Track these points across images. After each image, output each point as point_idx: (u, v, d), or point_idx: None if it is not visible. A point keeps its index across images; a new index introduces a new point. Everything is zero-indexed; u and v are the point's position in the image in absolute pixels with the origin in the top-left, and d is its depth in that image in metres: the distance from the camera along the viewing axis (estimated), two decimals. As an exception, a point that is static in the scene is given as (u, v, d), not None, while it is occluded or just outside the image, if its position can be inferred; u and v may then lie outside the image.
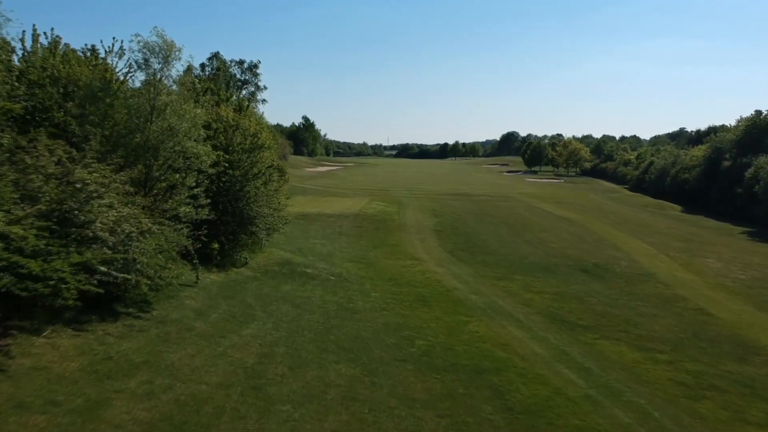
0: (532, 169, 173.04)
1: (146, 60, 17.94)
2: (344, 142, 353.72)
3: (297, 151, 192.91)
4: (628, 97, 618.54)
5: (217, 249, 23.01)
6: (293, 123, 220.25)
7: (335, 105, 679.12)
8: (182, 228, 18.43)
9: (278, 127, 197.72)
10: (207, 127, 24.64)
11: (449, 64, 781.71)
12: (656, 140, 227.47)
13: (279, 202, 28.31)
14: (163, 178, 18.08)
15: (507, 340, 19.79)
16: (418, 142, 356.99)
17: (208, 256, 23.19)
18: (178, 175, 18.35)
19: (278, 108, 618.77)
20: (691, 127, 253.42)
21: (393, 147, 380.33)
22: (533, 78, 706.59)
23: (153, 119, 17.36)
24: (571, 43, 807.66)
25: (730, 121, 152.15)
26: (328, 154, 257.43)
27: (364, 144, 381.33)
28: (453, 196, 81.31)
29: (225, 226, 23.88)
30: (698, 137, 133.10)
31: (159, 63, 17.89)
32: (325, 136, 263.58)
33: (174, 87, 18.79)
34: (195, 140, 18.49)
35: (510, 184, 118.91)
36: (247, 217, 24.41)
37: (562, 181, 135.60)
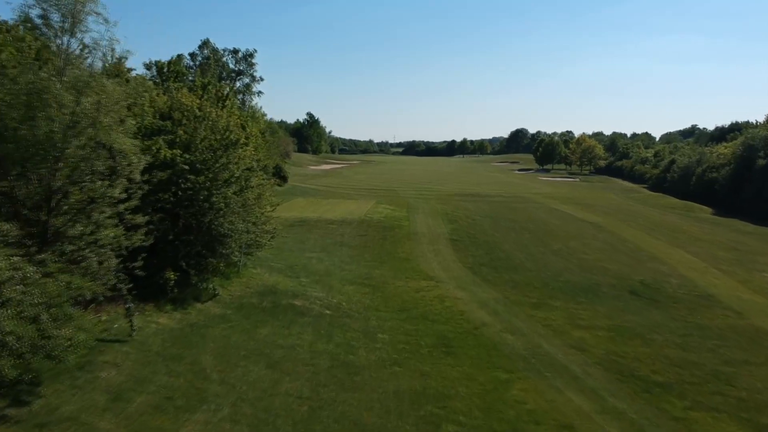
0: (545, 167, 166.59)
1: (45, 17, 12.23)
2: (350, 140, 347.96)
3: (301, 149, 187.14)
4: (634, 95, 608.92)
5: (172, 279, 17.30)
6: (297, 120, 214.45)
7: (341, 102, 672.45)
8: (109, 258, 12.77)
9: (282, 124, 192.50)
10: (164, 117, 19.01)
11: (455, 61, 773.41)
12: (668, 137, 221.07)
13: (262, 213, 22.57)
14: (73, 190, 12.36)
15: (569, 418, 14.01)
16: (425, 140, 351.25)
17: (161, 289, 17.49)
18: (99, 183, 12.64)
19: (284, 104, 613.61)
20: (702, 125, 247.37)
21: (399, 144, 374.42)
22: (539, 75, 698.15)
23: (55, 102, 11.70)
24: (577, 40, 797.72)
25: (745, 117, 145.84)
26: (333, 152, 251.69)
27: (371, 141, 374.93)
28: (465, 197, 75.44)
29: (187, 247, 18.17)
30: (721, 134, 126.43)
31: (63, 21, 12.19)
32: (330, 133, 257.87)
33: (81, 53, 12.98)
34: (122, 132, 12.75)
35: (523, 183, 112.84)
36: (215, 235, 18.68)
37: (577, 179, 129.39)
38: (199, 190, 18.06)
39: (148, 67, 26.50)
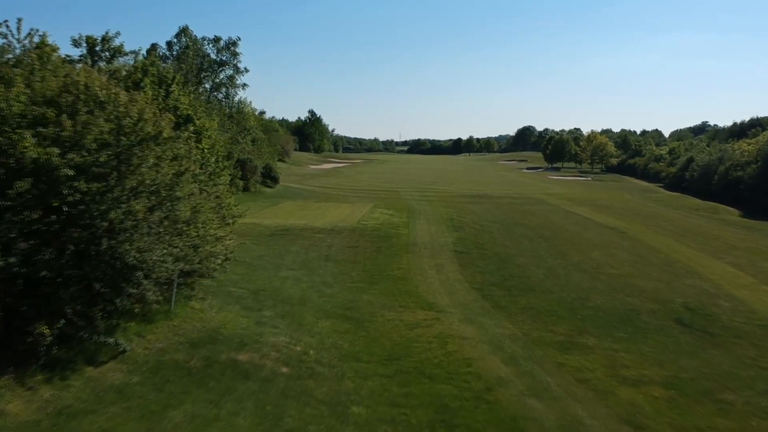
0: (554, 165, 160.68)
1: None
2: (355, 138, 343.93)
3: (302, 147, 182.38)
4: (641, 92, 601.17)
5: (48, 336, 11.81)
6: (299, 117, 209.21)
7: (346, 100, 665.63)
8: None
9: (283, 122, 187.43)
10: (50, 102, 13.52)
11: (461, 59, 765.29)
12: (679, 134, 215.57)
13: (206, 232, 17.03)
14: None
15: None
16: (431, 138, 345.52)
17: (32, 349, 11.99)
18: None
19: (287, 103, 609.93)
20: (713, 121, 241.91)
21: (405, 142, 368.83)
22: (545, 72, 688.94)
23: None
24: (582, 37, 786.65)
25: (762, 113, 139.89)
26: (336, 150, 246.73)
27: (376, 140, 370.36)
28: (472, 199, 69.90)
29: (72, 286, 12.64)
30: (741, 130, 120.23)
31: None
32: (333, 131, 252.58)
33: None
34: None
35: (533, 183, 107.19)
36: (119, 268, 13.21)
37: (590, 179, 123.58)
38: (91, 203, 12.56)
39: (76, 44, 21.07)
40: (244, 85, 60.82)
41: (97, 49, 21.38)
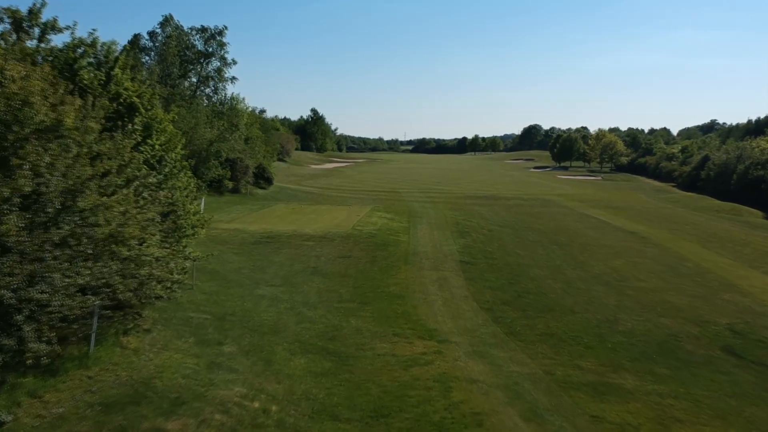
0: (562, 164, 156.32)
1: None
2: (359, 137, 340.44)
3: (305, 147, 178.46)
4: (647, 90, 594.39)
5: None
6: (301, 116, 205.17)
7: (351, 100, 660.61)
8: None
9: (285, 121, 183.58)
10: None
11: (465, 57, 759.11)
12: (687, 133, 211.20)
13: (141, 251, 13.23)
14: None
15: None
16: (436, 137, 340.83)
17: None
18: None
19: (291, 102, 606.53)
20: (721, 119, 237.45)
21: (410, 142, 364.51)
22: (550, 71, 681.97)
23: None
24: (586, 36, 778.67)
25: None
26: (340, 150, 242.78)
27: (380, 139, 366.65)
28: (479, 200, 65.98)
29: None
30: (757, 127, 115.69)
31: None
32: (336, 130, 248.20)
33: None
34: None
35: (542, 182, 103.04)
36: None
37: (600, 178, 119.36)
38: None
39: (-6, 18, 17.24)
40: (233, 79, 56.95)
41: (25, 25, 17.66)
